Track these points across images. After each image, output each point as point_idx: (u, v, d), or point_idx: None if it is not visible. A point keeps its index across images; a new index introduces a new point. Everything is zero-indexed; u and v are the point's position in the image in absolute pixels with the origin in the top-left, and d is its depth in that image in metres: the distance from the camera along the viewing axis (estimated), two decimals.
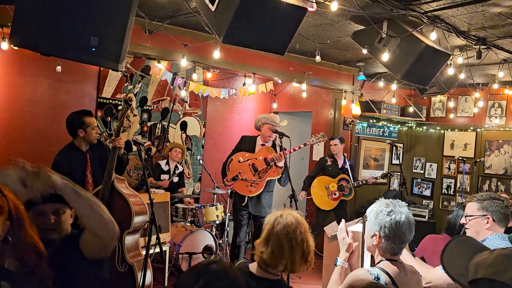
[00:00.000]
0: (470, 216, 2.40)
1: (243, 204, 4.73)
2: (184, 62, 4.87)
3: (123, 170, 3.87)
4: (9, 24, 2.77)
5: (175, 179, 5.93)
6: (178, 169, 5.97)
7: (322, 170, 6.11)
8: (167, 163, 5.88)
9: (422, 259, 2.79)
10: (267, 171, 4.70)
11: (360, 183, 6.05)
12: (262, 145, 4.81)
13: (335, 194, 5.98)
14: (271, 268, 1.95)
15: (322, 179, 6.07)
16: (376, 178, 6.04)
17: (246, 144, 4.90)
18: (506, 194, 4.63)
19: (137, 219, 3.37)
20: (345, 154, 6.23)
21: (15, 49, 4.74)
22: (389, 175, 6.08)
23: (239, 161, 4.78)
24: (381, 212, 2.01)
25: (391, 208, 2.00)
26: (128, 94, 3.85)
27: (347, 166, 6.08)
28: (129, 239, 3.39)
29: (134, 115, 6.24)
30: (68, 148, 3.78)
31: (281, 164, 4.65)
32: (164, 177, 5.80)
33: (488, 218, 2.34)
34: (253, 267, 2.01)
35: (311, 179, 6.13)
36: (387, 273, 1.96)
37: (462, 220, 2.47)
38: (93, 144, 3.84)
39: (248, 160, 4.71)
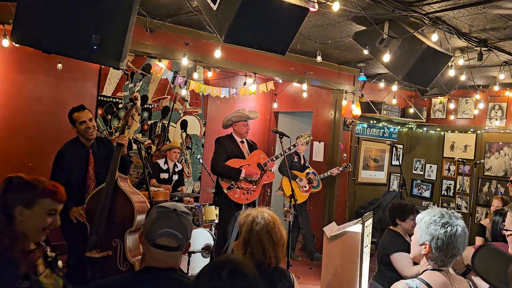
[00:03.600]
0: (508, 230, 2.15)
1: (240, 212, 4.52)
2: (185, 61, 4.87)
3: (128, 170, 3.85)
4: (11, 21, 2.76)
5: (175, 177, 5.95)
6: (177, 167, 5.99)
7: (290, 166, 6.22)
8: (166, 162, 5.89)
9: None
10: (262, 176, 4.63)
11: (326, 175, 6.37)
12: (242, 142, 4.76)
13: (305, 187, 6.16)
14: (257, 266, 1.94)
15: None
16: (338, 169, 6.38)
17: (230, 144, 4.68)
18: (500, 198, 4.54)
19: (139, 218, 3.38)
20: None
21: (16, 47, 4.74)
22: (348, 166, 6.43)
23: None
24: (434, 222, 1.90)
25: (447, 220, 1.89)
26: (134, 93, 3.90)
27: (307, 164, 6.43)
28: (130, 238, 3.40)
29: (138, 114, 6.25)
30: (72, 141, 3.76)
31: (273, 169, 4.66)
32: (164, 176, 5.81)
33: None
34: None
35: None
36: (428, 284, 1.88)
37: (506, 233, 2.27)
38: (99, 141, 3.81)
39: (241, 166, 4.56)
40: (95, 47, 2.60)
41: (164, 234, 1.68)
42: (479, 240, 4.54)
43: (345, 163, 6.56)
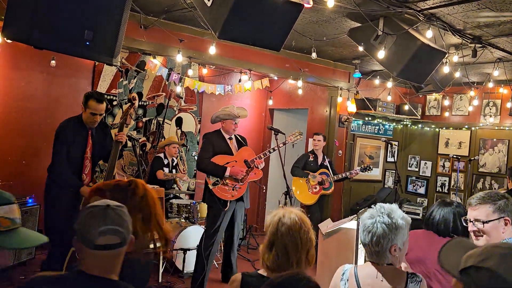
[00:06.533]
0: (487, 221, 2.11)
1: (226, 209, 4.46)
2: (179, 58, 4.84)
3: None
4: (2, 17, 2.74)
5: (174, 171, 6.01)
6: (174, 162, 6.05)
7: (303, 166, 6.13)
8: (165, 157, 5.92)
9: None
10: (248, 174, 4.57)
11: (341, 176, 6.08)
12: (230, 138, 4.71)
13: (315, 188, 6.00)
14: (279, 270, 1.90)
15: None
16: (357, 171, 6.07)
17: (217, 140, 4.62)
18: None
19: None
20: (323, 151, 6.30)
21: (9, 43, 4.70)
22: (368, 167, 6.12)
23: None
24: (363, 218, 2.05)
25: (372, 213, 2.02)
26: (132, 93, 4.03)
27: (326, 163, 6.15)
28: None
29: (136, 114, 6.25)
30: (75, 119, 3.85)
31: (260, 166, 4.62)
32: (165, 170, 5.85)
33: (507, 220, 2.11)
34: (263, 271, 1.98)
35: (299, 169, 6.12)
36: (356, 271, 2.02)
37: (473, 227, 2.16)
38: (98, 125, 3.90)
39: (227, 163, 4.50)
40: (87, 43, 2.58)
41: (104, 232, 1.53)
42: None
43: (365, 164, 6.25)
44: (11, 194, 1.37)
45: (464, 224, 2.30)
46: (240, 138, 4.79)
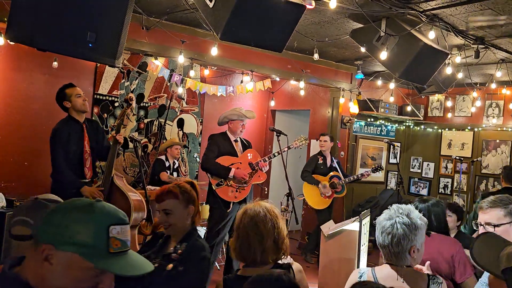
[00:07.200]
0: (498, 225, 2.12)
1: (228, 210, 4.44)
2: (181, 59, 4.84)
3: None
4: (5, 19, 2.74)
5: (175, 174, 5.98)
6: (176, 165, 6.04)
7: (314, 169, 6.09)
8: (167, 159, 5.91)
9: None
10: (253, 176, 4.55)
11: (352, 178, 6.00)
12: (235, 141, 4.71)
13: (327, 193, 5.91)
14: (244, 261, 1.94)
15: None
16: (367, 172, 5.99)
17: (223, 142, 4.61)
18: None
19: (136, 215, 3.42)
20: (331, 152, 6.24)
21: (11, 45, 4.70)
22: (379, 168, 6.04)
23: None
24: (380, 221, 2.01)
25: (390, 215, 1.99)
26: (129, 94, 4.04)
27: (335, 164, 6.08)
28: None
29: (134, 114, 6.24)
30: (67, 119, 3.86)
31: (265, 169, 4.62)
32: (167, 172, 5.86)
33: None
34: (241, 271, 1.99)
35: (310, 174, 6.06)
36: (374, 273, 1.99)
37: (484, 231, 2.16)
38: (88, 120, 3.95)
39: (232, 164, 4.48)
40: (90, 45, 2.58)
41: (16, 222, 1.51)
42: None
43: (375, 165, 6.19)
44: (125, 214, 1.26)
45: (475, 228, 2.29)
46: (245, 142, 4.80)
